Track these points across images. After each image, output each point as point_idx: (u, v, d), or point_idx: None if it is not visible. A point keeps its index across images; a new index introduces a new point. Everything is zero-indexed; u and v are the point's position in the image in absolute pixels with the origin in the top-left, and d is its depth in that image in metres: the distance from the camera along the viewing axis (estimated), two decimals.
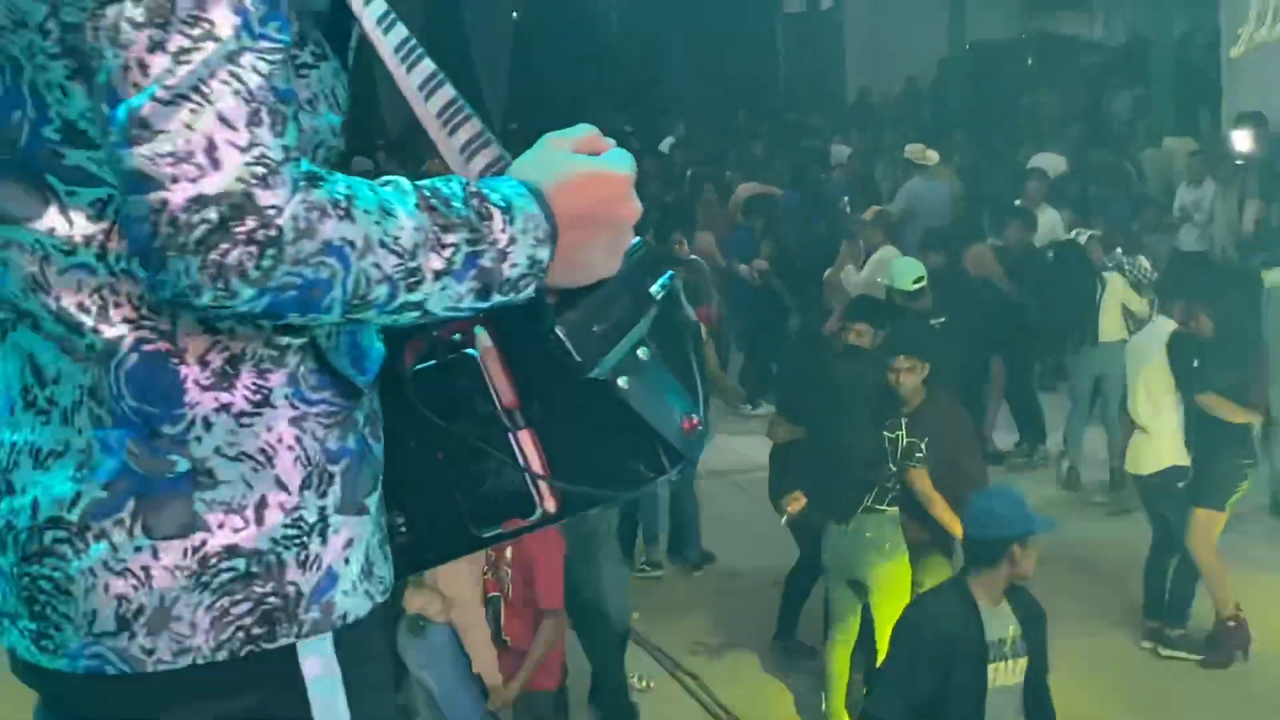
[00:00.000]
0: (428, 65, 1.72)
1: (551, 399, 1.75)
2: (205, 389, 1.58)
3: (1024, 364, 11.70)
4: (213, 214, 1.43)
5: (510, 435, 1.75)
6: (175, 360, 1.58)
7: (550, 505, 1.80)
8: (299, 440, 1.62)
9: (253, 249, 1.44)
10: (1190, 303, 8.48)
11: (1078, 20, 25.20)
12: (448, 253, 1.55)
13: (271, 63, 1.48)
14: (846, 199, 14.91)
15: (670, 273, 1.81)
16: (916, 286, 9.65)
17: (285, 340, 1.62)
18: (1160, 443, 8.30)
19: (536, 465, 1.77)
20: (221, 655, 1.60)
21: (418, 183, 1.58)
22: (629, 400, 1.74)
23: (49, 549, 1.60)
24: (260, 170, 1.44)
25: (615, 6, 32.55)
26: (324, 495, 1.64)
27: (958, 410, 7.77)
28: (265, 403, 1.61)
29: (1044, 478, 10.75)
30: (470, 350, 1.75)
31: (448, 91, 1.72)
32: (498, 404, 1.75)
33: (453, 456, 1.78)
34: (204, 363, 1.58)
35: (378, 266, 1.51)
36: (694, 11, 28.14)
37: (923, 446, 7.07)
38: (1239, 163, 14.80)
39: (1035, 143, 18.38)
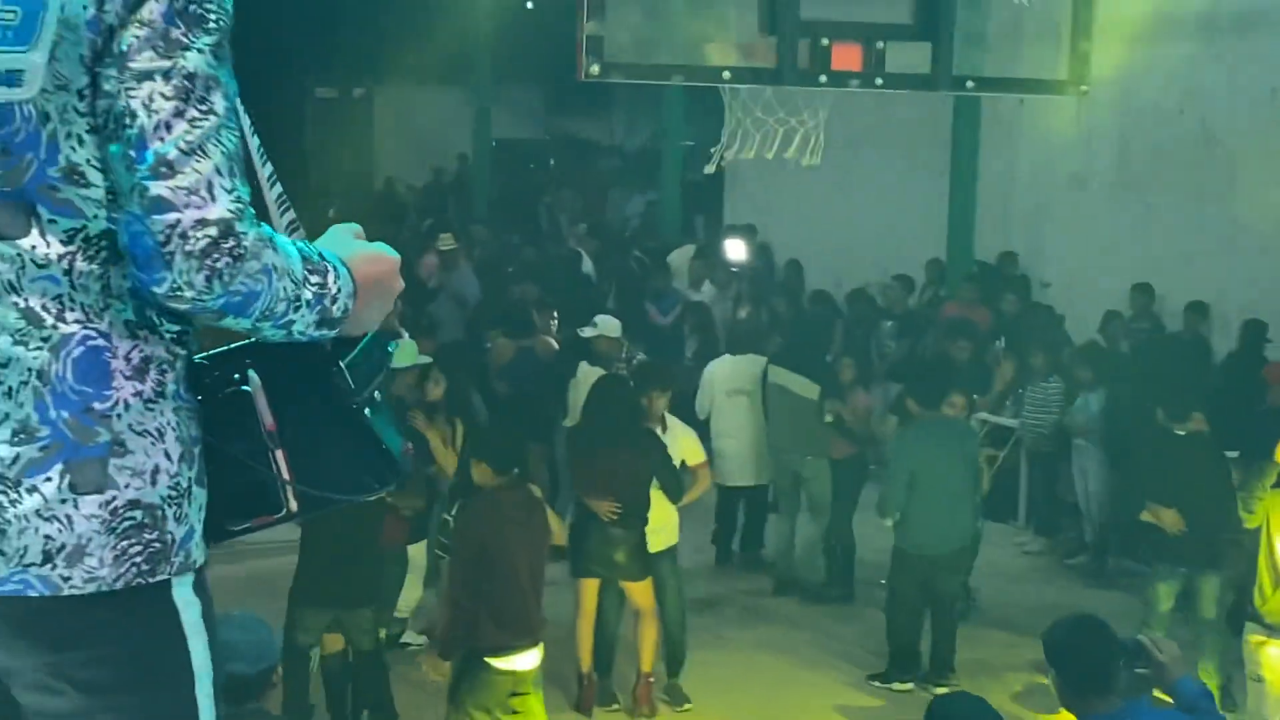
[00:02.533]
0: (269, 166, 2.32)
1: (303, 425, 2.25)
2: (128, 379, 2.09)
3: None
4: (213, 231, 1.99)
5: (270, 453, 2.24)
6: (109, 354, 2.08)
7: (294, 506, 2.29)
8: (180, 425, 2.15)
9: (230, 260, 2.00)
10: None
11: (597, 126, 26.49)
12: (312, 290, 2.11)
13: (237, 137, 2.07)
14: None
15: (399, 339, 2.44)
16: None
17: (177, 350, 2.16)
18: None
19: (286, 476, 2.26)
20: (119, 585, 2.09)
21: (288, 238, 2.15)
22: (371, 426, 2.30)
23: None
24: (239, 207, 2.02)
25: None
26: (190, 468, 2.16)
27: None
28: (163, 394, 2.13)
29: None
30: (245, 387, 2.24)
31: (278, 188, 2.35)
32: (263, 429, 2.24)
33: (215, 467, 2.22)
34: (128, 359, 2.10)
35: (284, 289, 2.07)
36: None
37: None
38: (734, 270, 16.04)
39: (555, 239, 19.18)
